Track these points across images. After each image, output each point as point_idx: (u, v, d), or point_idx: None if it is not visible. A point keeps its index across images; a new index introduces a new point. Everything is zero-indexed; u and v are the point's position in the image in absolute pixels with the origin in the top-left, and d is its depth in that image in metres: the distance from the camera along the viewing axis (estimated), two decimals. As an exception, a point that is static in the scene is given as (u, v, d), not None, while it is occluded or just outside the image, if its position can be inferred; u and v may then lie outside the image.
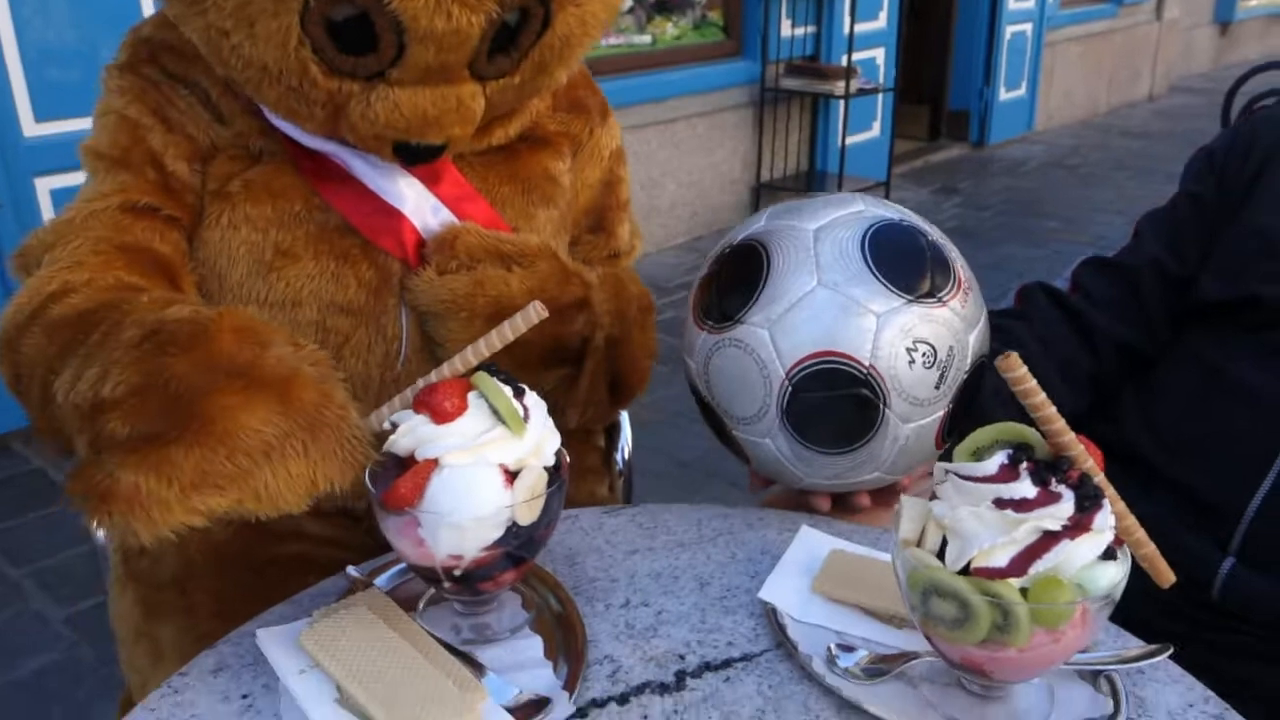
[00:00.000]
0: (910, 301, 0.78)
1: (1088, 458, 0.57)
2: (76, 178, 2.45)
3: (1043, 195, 5.53)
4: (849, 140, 4.93)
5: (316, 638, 0.65)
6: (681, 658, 0.67)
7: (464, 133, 0.91)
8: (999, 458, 0.56)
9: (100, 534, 1.11)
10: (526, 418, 0.65)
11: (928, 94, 6.67)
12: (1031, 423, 0.58)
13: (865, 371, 0.76)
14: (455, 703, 0.59)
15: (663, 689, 0.65)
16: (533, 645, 0.69)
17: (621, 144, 1.19)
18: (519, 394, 0.66)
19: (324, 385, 0.72)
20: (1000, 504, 0.55)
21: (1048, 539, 0.54)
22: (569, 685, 0.65)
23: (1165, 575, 0.62)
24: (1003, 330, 1.07)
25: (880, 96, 5.21)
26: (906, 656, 0.64)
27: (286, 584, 0.90)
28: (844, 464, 0.79)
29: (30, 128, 2.64)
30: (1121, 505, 0.58)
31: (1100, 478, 0.57)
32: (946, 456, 0.60)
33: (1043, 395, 0.56)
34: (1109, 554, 0.56)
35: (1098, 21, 7.67)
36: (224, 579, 0.96)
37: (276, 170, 0.97)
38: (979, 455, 0.58)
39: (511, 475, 0.64)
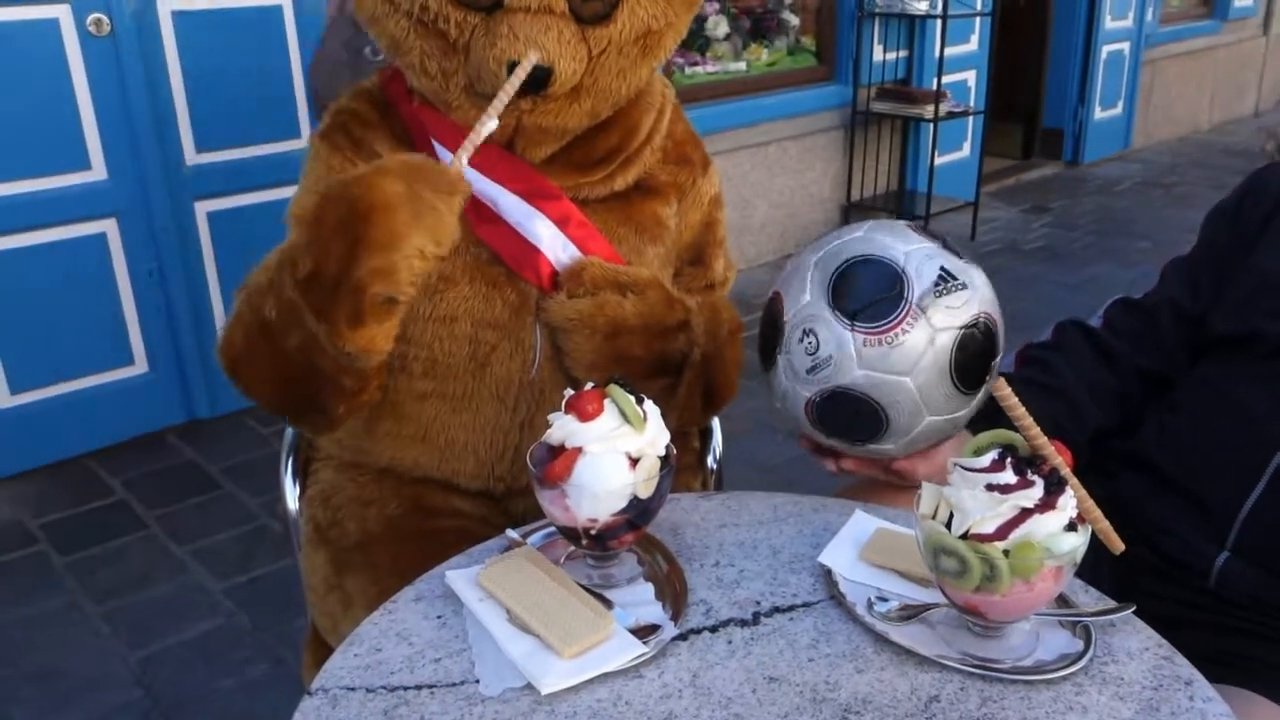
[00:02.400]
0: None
1: (1057, 456, 0.77)
2: (228, 201, 2.93)
3: (1135, 215, 5.53)
4: (939, 160, 5.04)
5: (491, 577, 0.89)
6: (757, 603, 0.90)
7: (568, 72, 1.12)
8: (991, 455, 0.77)
9: (292, 507, 1.38)
10: (645, 419, 0.88)
11: (1022, 112, 6.69)
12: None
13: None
14: (594, 623, 0.83)
15: (742, 624, 0.87)
16: (646, 590, 0.91)
17: (720, 190, 1.41)
18: (639, 401, 0.89)
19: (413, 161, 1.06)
20: (990, 488, 0.76)
21: (1024, 514, 0.75)
22: (674, 617, 0.87)
23: (1115, 544, 0.81)
24: (1038, 361, 1.26)
25: (970, 118, 5.31)
26: (929, 606, 0.85)
27: (445, 551, 1.15)
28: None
29: (191, 157, 2.98)
30: (1083, 491, 0.78)
31: (1066, 471, 0.77)
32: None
33: (1023, 410, 0.77)
34: (1071, 526, 0.76)
35: (1200, 38, 7.56)
36: (398, 545, 1.21)
37: None
38: (979, 453, 0.79)
39: (634, 461, 0.87)
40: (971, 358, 0.96)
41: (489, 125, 1.05)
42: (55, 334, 2.85)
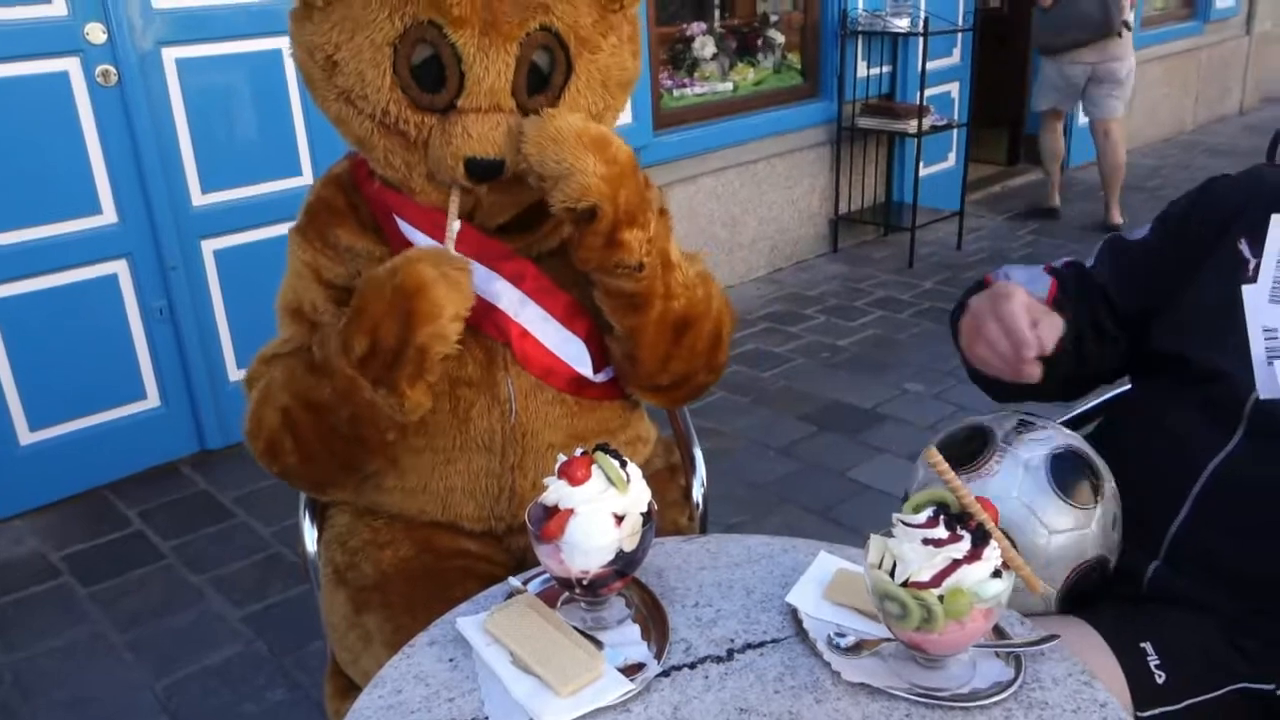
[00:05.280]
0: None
1: (983, 512, 0.89)
2: (233, 239, 3.14)
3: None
4: (924, 172, 5.16)
5: (496, 623, 1.01)
6: (732, 640, 1.01)
7: (518, 159, 1.22)
8: (927, 512, 0.89)
9: (311, 549, 1.50)
10: (629, 481, 1.00)
11: (1007, 119, 6.82)
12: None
13: None
14: (587, 663, 0.94)
15: (718, 660, 0.99)
16: (633, 631, 1.03)
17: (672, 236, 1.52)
18: (623, 465, 1.01)
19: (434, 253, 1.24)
20: (926, 541, 0.87)
21: (954, 564, 0.86)
22: (657, 656, 0.99)
23: (1035, 587, 0.93)
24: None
25: (955, 130, 5.42)
26: (881, 641, 0.97)
27: (454, 588, 1.28)
28: None
29: (197, 198, 3.10)
30: (1005, 543, 0.90)
31: (991, 525, 0.89)
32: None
33: (953, 474, 0.88)
34: (996, 574, 0.87)
35: (1183, 39, 7.67)
36: (411, 584, 1.33)
37: None
38: (917, 510, 0.90)
39: (619, 519, 0.99)
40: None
41: (455, 225, 1.27)
42: (71, 372, 2.97)
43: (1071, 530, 1.15)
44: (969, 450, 1.19)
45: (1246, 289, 1.11)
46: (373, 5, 1.20)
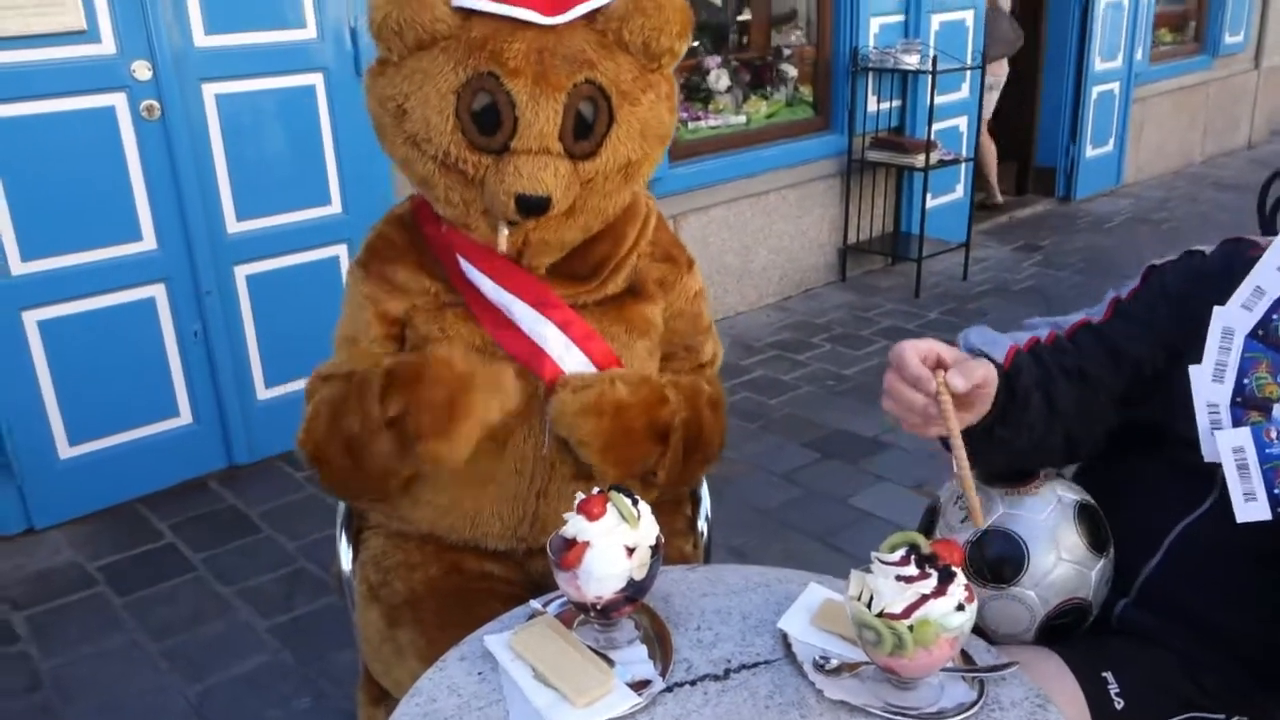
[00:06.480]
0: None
1: (952, 554, 1.02)
2: (265, 265, 3.37)
3: (1124, 254, 5.70)
4: (931, 203, 5.28)
5: (520, 641, 1.14)
6: (728, 661, 1.14)
7: (563, 198, 1.39)
8: (901, 552, 1.02)
9: (346, 567, 1.63)
10: (639, 518, 1.13)
11: (1016, 151, 6.95)
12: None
13: None
14: (600, 678, 1.07)
15: (716, 678, 1.11)
16: (641, 651, 1.16)
17: (703, 286, 1.66)
18: (635, 503, 1.14)
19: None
20: (899, 578, 1.00)
21: (923, 598, 0.99)
22: (662, 673, 1.12)
23: (978, 520, 1.10)
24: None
25: (962, 164, 5.54)
26: (860, 664, 1.10)
27: (479, 606, 1.41)
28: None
29: (232, 225, 3.25)
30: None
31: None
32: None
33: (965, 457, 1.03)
34: (960, 607, 1.00)
35: (1191, 74, 7.79)
36: (440, 601, 1.46)
37: (464, 319, 1.48)
38: (892, 550, 1.03)
39: (630, 551, 1.12)
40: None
41: (504, 232, 1.44)
42: (109, 389, 3.12)
43: (1078, 565, 1.28)
44: (1017, 474, 1.35)
45: (1193, 369, 1.22)
46: (440, 59, 1.37)
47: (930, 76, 4.83)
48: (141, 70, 2.95)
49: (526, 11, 1.36)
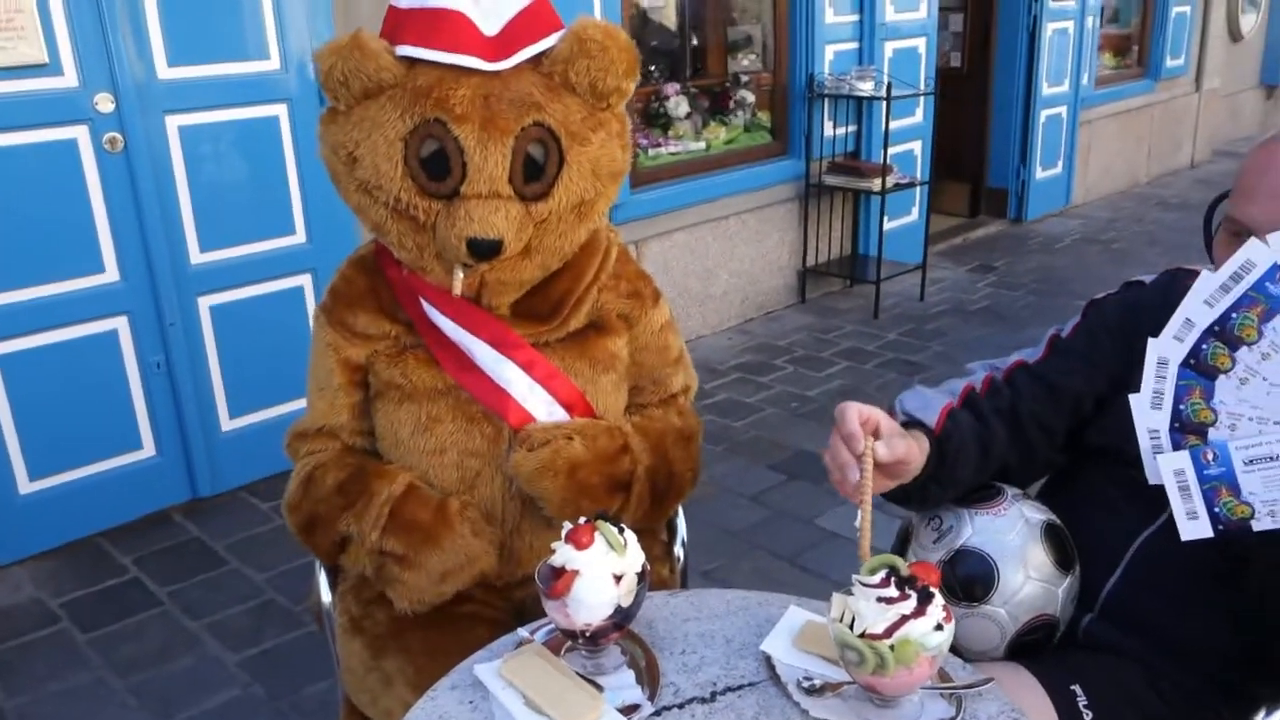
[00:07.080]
0: None
1: (930, 575, 1.05)
2: (229, 295, 3.39)
3: (1074, 273, 5.85)
4: (888, 226, 5.37)
5: (509, 669, 1.15)
6: (714, 684, 1.17)
7: (516, 241, 1.41)
8: (881, 574, 1.05)
9: (326, 601, 1.63)
10: (626, 546, 1.15)
11: (968, 173, 7.10)
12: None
13: None
14: (589, 704, 1.09)
15: (702, 701, 1.14)
16: (629, 676, 1.18)
17: (670, 318, 1.69)
18: (621, 532, 1.16)
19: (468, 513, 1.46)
20: (880, 599, 1.03)
21: (903, 619, 1.02)
22: (650, 697, 1.14)
23: (864, 554, 1.12)
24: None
25: (917, 187, 5.65)
26: (843, 683, 1.13)
27: (465, 632, 1.43)
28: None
29: (196, 256, 3.24)
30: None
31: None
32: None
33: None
34: (939, 627, 1.04)
35: (1135, 97, 8.01)
36: (427, 629, 1.47)
37: (425, 363, 1.50)
38: (873, 572, 1.07)
39: (618, 578, 1.14)
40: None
41: (459, 275, 1.47)
42: (70, 423, 3.08)
43: (1045, 583, 1.33)
44: (984, 494, 1.40)
45: (1133, 397, 1.27)
46: (387, 107, 1.39)
47: (885, 102, 4.93)
48: (104, 103, 2.94)
49: (469, 59, 1.38)
